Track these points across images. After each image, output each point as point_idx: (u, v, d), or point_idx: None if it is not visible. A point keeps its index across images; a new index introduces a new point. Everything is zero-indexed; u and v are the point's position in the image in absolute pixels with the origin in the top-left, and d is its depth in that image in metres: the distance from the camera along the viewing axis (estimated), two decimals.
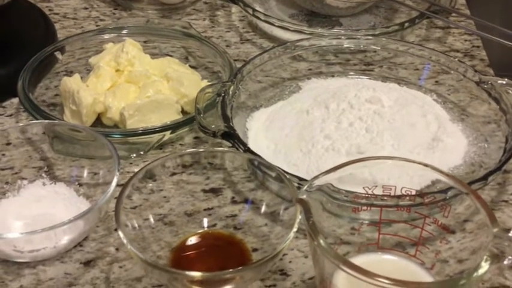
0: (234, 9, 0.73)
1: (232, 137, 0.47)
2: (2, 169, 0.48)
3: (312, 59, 0.62)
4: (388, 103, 0.52)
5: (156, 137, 0.49)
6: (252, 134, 0.52)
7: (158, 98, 0.51)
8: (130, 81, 0.55)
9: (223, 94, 0.51)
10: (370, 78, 0.60)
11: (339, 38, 0.61)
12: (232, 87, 0.52)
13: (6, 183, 0.47)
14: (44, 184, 0.46)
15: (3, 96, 0.57)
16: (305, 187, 0.36)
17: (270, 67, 0.59)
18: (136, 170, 0.50)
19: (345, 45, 0.60)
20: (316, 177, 0.36)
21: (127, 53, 0.56)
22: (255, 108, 0.56)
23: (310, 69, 0.62)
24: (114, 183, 0.42)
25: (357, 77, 0.60)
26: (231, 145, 0.48)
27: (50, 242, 0.40)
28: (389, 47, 0.60)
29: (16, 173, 0.48)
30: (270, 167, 0.43)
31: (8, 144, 0.49)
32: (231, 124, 0.48)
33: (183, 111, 0.54)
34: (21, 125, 0.47)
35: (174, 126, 0.50)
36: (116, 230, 0.44)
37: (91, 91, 0.52)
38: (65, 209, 0.43)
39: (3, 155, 0.49)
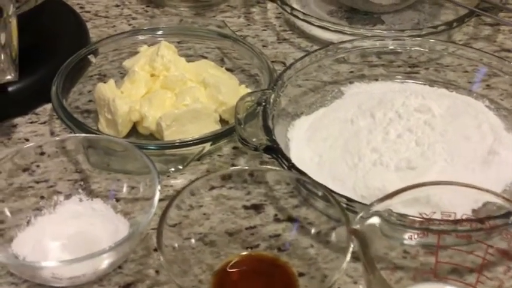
0: (270, 5, 0.70)
1: (275, 151, 0.44)
2: (37, 182, 0.47)
3: (353, 60, 0.59)
4: (439, 112, 0.49)
5: (195, 149, 0.47)
6: (294, 145, 0.50)
7: (196, 107, 0.49)
8: (165, 86, 0.53)
9: (264, 103, 0.48)
10: (416, 82, 0.57)
11: (383, 39, 0.58)
12: (273, 96, 0.50)
13: (42, 197, 0.45)
14: (80, 200, 0.44)
15: (37, 102, 0.55)
16: (360, 214, 0.34)
17: (310, 70, 0.57)
18: (173, 182, 0.48)
19: (390, 47, 0.57)
20: (372, 204, 0.34)
21: (162, 57, 0.54)
22: (296, 115, 0.53)
23: (351, 72, 0.59)
24: (155, 202, 0.40)
25: (402, 80, 0.57)
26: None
27: (90, 268, 0.39)
28: (436, 49, 0.57)
29: (51, 186, 0.46)
30: (316, 185, 0.41)
31: (42, 154, 0.47)
32: (273, 137, 0.45)
33: (221, 120, 0.52)
34: (57, 139, 0.45)
35: (214, 138, 0.47)
36: (155, 250, 0.43)
37: (126, 99, 0.50)
38: (102, 227, 0.42)
39: (38, 166, 0.47)
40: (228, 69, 0.58)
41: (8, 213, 0.43)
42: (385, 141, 0.47)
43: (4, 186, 0.45)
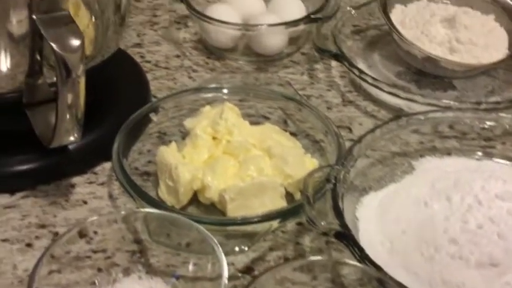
0: (334, 63, 0.68)
1: (347, 238, 0.42)
2: (95, 251, 0.45)
3: (423, 130, 0.56)
4: None
5: (261, 227, 0.44)
6: (363, 226, 0.47)
7: (262, 180, 0.47)
8: (228, 152, 0.51)
9: (333, 181, 0.46)
10: (492, 159, 0.54)
11: (457, 111, 0.55)
12: (342, 172, 0.47)
13: (99, 270, 0.43)
14: (139, 278, 0.42)
15: (96, 161, 0.53)
16: None
17: (377, 140, 0.54)
18: (232, 259, 0.46)
19: (465, 120, 0.54)
20: None
21: (226, 120, 0.52)
22: (364, 191, 0.50)
23: (421, 143, 0.56)
24: (225, 275, 0.38)
25: (479, 157, 0.54)
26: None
27: None
28: None
29: (109, 257, 0.44)
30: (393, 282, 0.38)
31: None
32: (345, 222, 0.43)
33: (287, 192, 0.49)
34: (122, 213, 0.44)
35: (281, 216, 0.45)
36: None
37: (189, 166, 0.48)
38: None
39: (95, 232, 0.45)
40: (291, 133, 0.56)
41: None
42: (463, 231, 0.44)
43: (61, 254, 0.43)
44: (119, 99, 0.58)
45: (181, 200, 0.48)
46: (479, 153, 0.54)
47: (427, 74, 0.65)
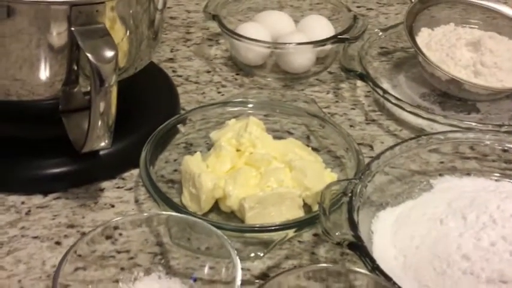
0: (359, 82, 0.69)
1: (359, 249, 0.43)
2: (119, 252, 0.47)
3: (444, 150, 0.57)
4: None
5: (277, 235, 0.46)
6: (378, 239, 0.48)
7: (281, 191, 0.48)
8: (250, 164, 0.53)
9: (350, 194, 0.47)
10: (510, 180, 0.55)
11: (478, 133, 0.56)
12: (360, 186, 0.49)
13: (122, 269, 0.45)
14: (159, 277, 0.44)
15: (125, 167, 0.56)
16: None
17: (397, 157, 0.56)
18: (249, 265, 0.47)
19: (486, 142, 0.55)
20: None
21: (250, 133, 0.54)
22: (381, 206, 0.51)
23: (442, 162, 0.57)
24: (239, 277, 0.40)
25: (497, 178, 0.54)
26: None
27: None
28: None
29: (132, 258, 0.47)
30: None
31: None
32: (358, 232, 0.44)
33: (305, 204, 0.51)
34: (145, 215, 0.46)
35: (297, 225, 0.47)
36: None
37: (211, 175, 0.50)
38: None
39: (120, 234, 0.48)
40: (313, 149, 0.58)
41: (88, 284, 0.44)
42: (476, 248, 0.45)
43: (87, 253, 0.46)
44: (150, 110, 0.61)
45: (203, 207, 0.50)
46: (498, 175, 0.55)
47: (452, 96, 0.66)
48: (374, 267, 0.41)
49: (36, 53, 0.49)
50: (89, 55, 0.45)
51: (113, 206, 0.52)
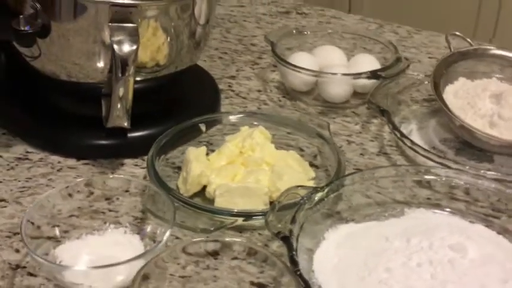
0: None
1: (288, 242, 0.48)
2: (110, 210, 0.57)
3: (438, 188, 0.60)
4: (473, 256, 0.48)
5: (229, 220, 0.53)
6: (325, 244, 0.52)
7: (249, 185, 0.55)
8: (245, 164, 0.60)
9: (305, 198, 0.52)
10: (486, 225, 0.56)
11: (480, 178, 0.58)
12: (320, 194, 0.54)
13: (105, 222, 0.55)
14: (125, 232, 0.53)
15: (147, 151, 0.65)
16: None
17: (387, 185, 0.59)
18: (205, 245, 0.54)
19: (481, 188, 0.57)
20: None
21: (252, 139, 0.62)
22: (345, 220, 0.56)
23: (428, 199, 0.59)
24: (166, 237, 0.48)
25: (475, 220, 0.55)
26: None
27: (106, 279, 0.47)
28: None
29: (117, 217, 0.56)
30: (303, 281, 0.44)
31: (127, 191, 0.58)
32: (292, 229, 0.49)
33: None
34: (133, 182, 0.56)
35: (245, 215, 0.53)
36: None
37: (202, 164, 0.58)
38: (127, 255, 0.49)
39: (118, 199, 0.57)
40: (315, 166, 0.63)
41: (71, 227, 0.54)
42: (403, 265, 0.48)
43: (86, 206, 0.56)
44: (189, 109, 0.70)
45: (188, 189, 0.58)
46: (477, 219, 0.56)
47: (473, 146, 0.68)
48: (291, 256, 0.46)
49: (90, 43, 0.61)
50: (114, 47, 0.56)
51: None
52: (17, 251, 0.54)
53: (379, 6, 1.70)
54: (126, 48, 0.57)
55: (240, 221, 0.53)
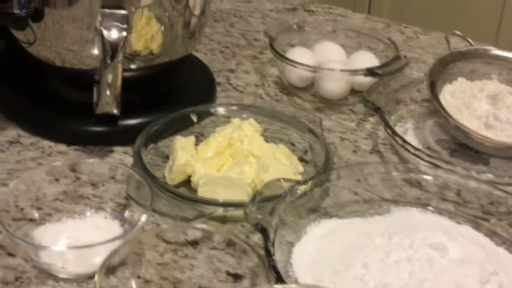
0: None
1: (265, 234, 0.48)
2: (94, 196, 0.57)
3: (429, 188, 0.59)
4: (453, 256, 0.47)
5: (209, 209, 0.53)
6: (306, 238, 0.52)
7: (232, 176, 0.55)
8: (232, 156, 0.60)
9: (287, 191, 0.52)
10: (475, 227, 0.54)
11: (471, 179, 0.57)
12: (303, 187, 0.53)
13: (87, 207, 0.55)
14: (105, 217, 0.53)
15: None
16: None
17: (376, 182, 0.58)
18: (190, 232, 0.54)
19: (471, 189, 0.56)
20: None
21: (241, 130, 0.61)
22: (329, 215, 0.55)
23: (418, 198, 0.58)
24: (142, 221, 0.48)
25: (462, 221, 0.54)
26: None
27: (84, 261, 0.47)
28: None
29: (101, 203, 0.56)
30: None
31: (113, 178, 0.58)
32: (271, 221, 0.49)
33: None
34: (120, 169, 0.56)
35: (224, 205, 0.53)
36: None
37: (187, 153, 0.58)
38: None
39: (103, 185, 0.57)
40: (305, 161, 0.63)
41: (54, 211, 0.54)
42: (381, 261, 0.47)
43: (71, 191, 0.56)
44: (183, 100, 0.70)
45: (173, 178, 0.58)
46: (465, 221, 0.55)
47: (469, 147, 0.67)
48: (266, 247, 0.46)
49: (84, 29, 0.61)
50: (104, 33, 0.56)
51: None
52: None
53: (400, 9, 1.68)
54: (116, 34, 0.57)
55: (220, 211, 0.53)
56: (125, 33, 0.57)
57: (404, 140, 0.63)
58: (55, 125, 0.65)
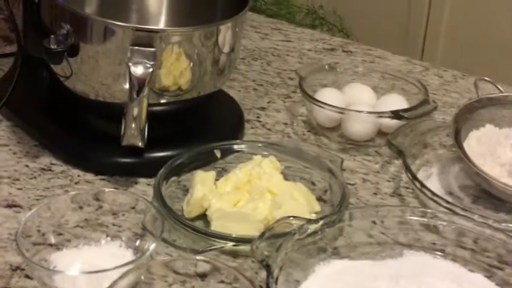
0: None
1: (269, 271, 0.48)
2: (113, 225, 0.59)
3: (446, 234, 0.58)
4: None
5: (219, 243, 0.54)
6: (313, 277, 0.52)
7: (245, 211, 0.56)
8: (250, 192, 0.61)
9: (296, 230, 0.52)
10: (489, 277, 0.53)
11: (488, 228, 0.56)
12: (313, 226, 0.53)
13: (107, 235, 0.57)
14: (120, 246, 0.55)
15: None
16: None
17: (393, 225, 0.58)
18: (199, 264, 0.55)
19: (488, 237, 0.55)
20: None
21: (261, 168, 0.63)
22: (340, 256, 0.55)
23: (433, 244, 0.58)
24: (151, 248, 0.50)
25: (476, 269, 0.54)
26: None
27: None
28: None
29: (119, 231, 0.58)
30: None
31: (133, 208, 0.60)
32: (277, 258, 0.49)
33: None
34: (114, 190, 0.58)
35: (234, 240, 0.54)
36: None
37: (205, 188, 0.60)
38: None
39: (123, 214, 0.60)
40: (323, 200, 0.63)
41: (73, 237, 0.56)
42: None
43: (92, 218, 0.59)
44: (210, 135, 0.72)
45: (190, 211, 0.59)
46: (479, 270, 0.54)
47: (493, 195, 0.65)
48: (267, 285, 0.47)
49: (116, 65, 0.64)
50: (131, 68, 0.59)
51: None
52: None
53: (453, 56, 1.65)
54: (141, 70, 0.59)
55: (229, 245, 0.54)
56: (151, 69, 0.59)
57: (422, 185, 0.63)
58: (85, 155, 0.68)
